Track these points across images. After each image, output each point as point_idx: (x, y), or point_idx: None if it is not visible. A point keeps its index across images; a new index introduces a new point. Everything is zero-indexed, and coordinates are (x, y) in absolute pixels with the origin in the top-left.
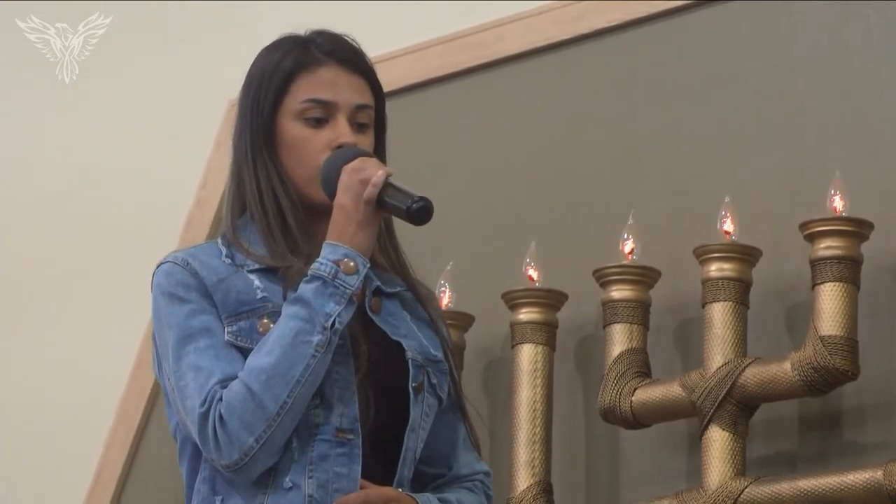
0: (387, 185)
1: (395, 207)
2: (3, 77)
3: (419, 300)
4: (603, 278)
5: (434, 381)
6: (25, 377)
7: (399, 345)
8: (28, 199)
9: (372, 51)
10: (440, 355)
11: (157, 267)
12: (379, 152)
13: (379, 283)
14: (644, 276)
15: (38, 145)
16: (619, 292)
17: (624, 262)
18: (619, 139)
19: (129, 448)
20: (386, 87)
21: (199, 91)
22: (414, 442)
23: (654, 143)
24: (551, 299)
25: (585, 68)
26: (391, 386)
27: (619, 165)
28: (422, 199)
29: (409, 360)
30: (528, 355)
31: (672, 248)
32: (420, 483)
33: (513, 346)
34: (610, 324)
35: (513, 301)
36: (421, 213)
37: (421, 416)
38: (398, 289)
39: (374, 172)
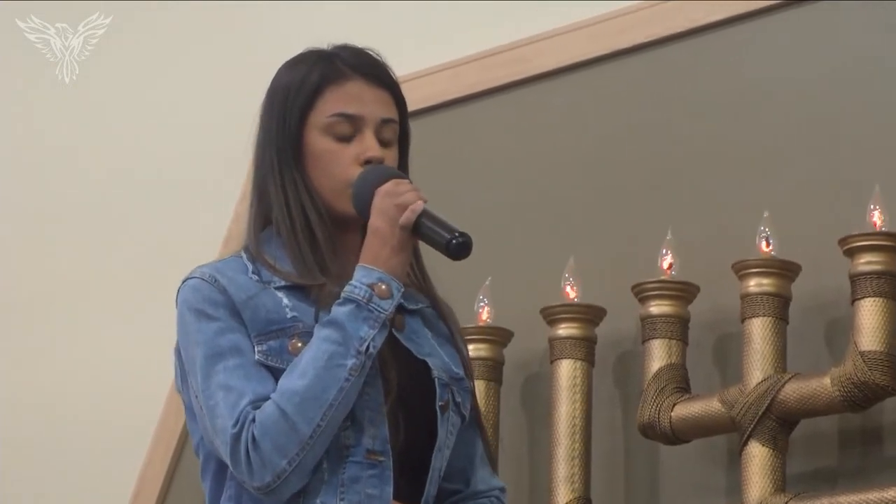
0: (423, 213)
1: (433, 239)
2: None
3: (440, 316)
4: (641, 294)
5: (458, 399)
6: (65, 395)
7: (424, 363)
8: (66, 209)
9: (409, 67)
10: (462, 372)
11: (184, 282)
12: (402, 167)
13: (401, 299)
14: (683, 292)
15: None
16: (657, 308)
17: (662, 278)
18: (657, 154)
19: (168, 465)
20: (423, 103)
21: (238, 107)
22: (440, 461)
23: (692, 157)
24: (590, 315)
25: (623, 84)
26: (418, 406)
27: (658, 180)
28: (462, 234)
29: (436, 379)
30: (566, 371)
31: (711, 264)
32: (437, 499)
33: (551, 362)
34: (649, 339)
35: (551, 316)
36: (461, 249)
37: (446, 434)
38: (420, 305)
39: (411, 198)
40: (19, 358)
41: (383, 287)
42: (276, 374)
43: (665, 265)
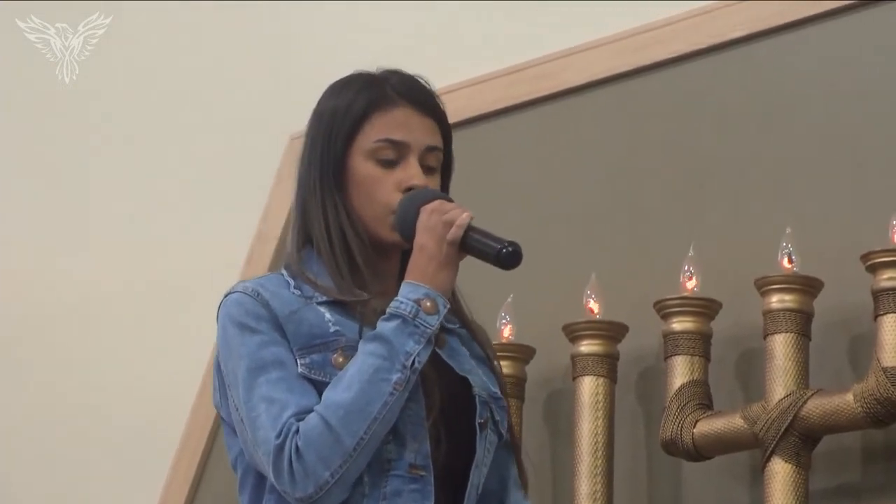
0: (470, 227)
1: (483, 251)
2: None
3: (474, 338)
4: (664, 310)
5: (497, 417)
6: (89, 406)
7: (465, 380)
8: (95, 221)
9: (431, 83)
10: (499, 392)
11: (226, 296)
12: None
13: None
14: (705, 308)
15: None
16: (680, 324)
17: (685, 294)
18: (679, 170)
19: (193, 478)
20: None
21: (261, 125)
22: (478, 478)
23: (714, 174)
24: (612, 331)
25: (646, 100)
26: (459, 422)
27: (680, 197)
28: (511, 243)
29: (476, 396)
30: (589, 387)
31: (733, 280)
32: None
33: (574, 379)
34: (671, 356)
35: (573, 333)
36: (511, 258)
37: (485, 452)
38: (456, 325)
39: (458, 214)
40: (45, 369)
41: (429, 303)
42: (318, 387)
43: (687, 282)
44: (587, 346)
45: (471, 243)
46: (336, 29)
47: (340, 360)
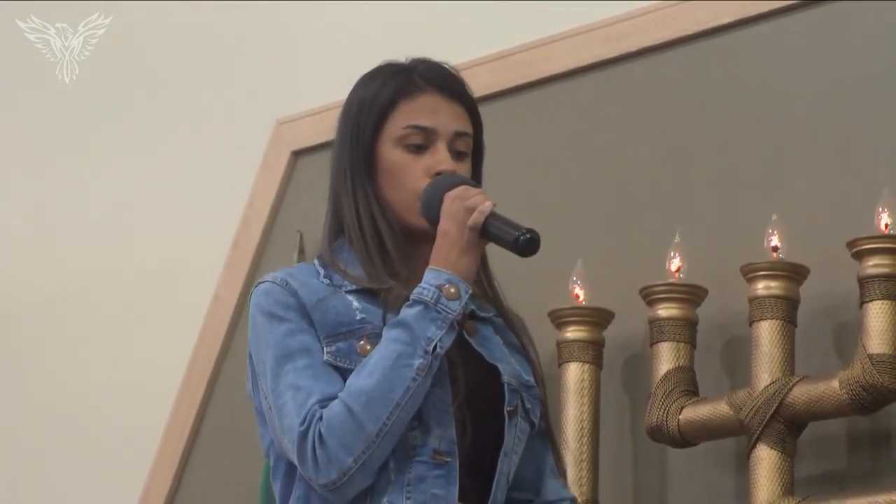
0: (491, 214)
1: (502, 238)
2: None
3: (510, 327)
4: (650, 296)
5: (528, 406)
6: (74, 397)
7: (494, 368)
8: (77, 216)
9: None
10: (532, 380)
11: (256, 286)
12: (475, 180)
13: (473, 307)
14: (691, 295)
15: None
16: (665, 310)
17: (671, 281)
18: (665, 157)
19: (177, 465)
20: None
21: (247, 109)
22: (507, 466)
23: (700, 161)
24: (598, 318)
25: (633, 87)
26: (487, 409)
27: (666, 184)
28: (530, 231)
29: (505, 384)
30: (574, 374)
31: (719, 266)
32: None
33: (559, 365)
34: (657, 342)
35: (559, 319)
36: (530, 244)
37: (514, 440)
38: (490, 314)
39: (480, 201)
40: (31, 360)
41: (452, 289)
42: (344, 374)
43: (673, 268)
44: (573, 333)
45: (491, 230)
46: (321, 16)
47: (367, 347)
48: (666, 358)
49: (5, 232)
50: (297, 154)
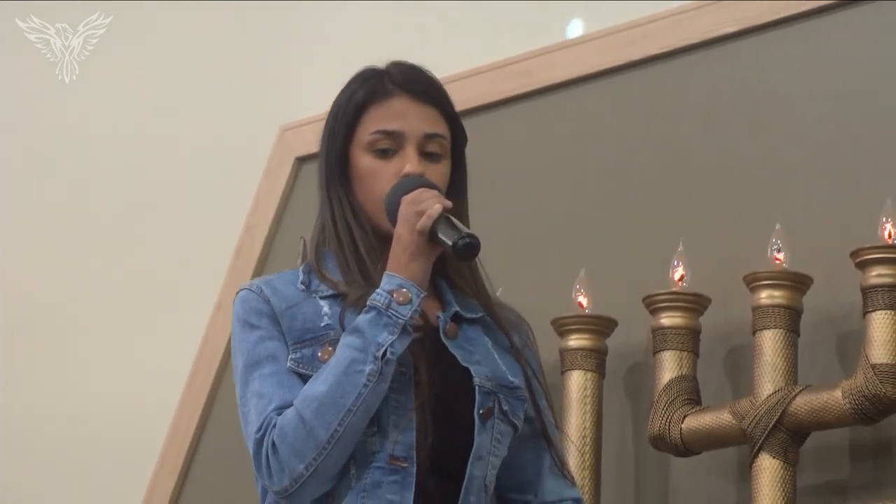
0: (443, 218)
1: (445, 242)
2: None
3: (499, 326)
4: (653, 305)
5: (506, 407)
6: (78, 404)
7: (470, 371)
8: (82, 220)
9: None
10: (517, 382)
11: (236, 294)
12: (458, 183)
13: (459, 308)
14: (694, 303)
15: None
16: (669, 319)
17: (674, 289)
18: (669, 166)
19: (179, 472)
20: None
21: (251, 115)
22: (481, 470)
23: (704, 169)
24: (601, 326)
25: (635, 95)
26: (458, 413)
27: (670, 192)
28: (469, 236)
29: (477, 387)
30: (577, 382)
31: (722, 275)
32: None
33: (562, 373)
34: (660, 351)
35: (562, 327)
36: (466, 249)
37: (490, 442)
38: (480, 314)
39: (430, 204)
40: (36, 364)
41: (403, 294)
42: (307, 381)
43: (676, 277)
44: (576, 341)
45: (437, 234)
46: (326, 23)
47: (328, 353)
48: (669, 367)
49: (11, 235)
50: (302, 160)
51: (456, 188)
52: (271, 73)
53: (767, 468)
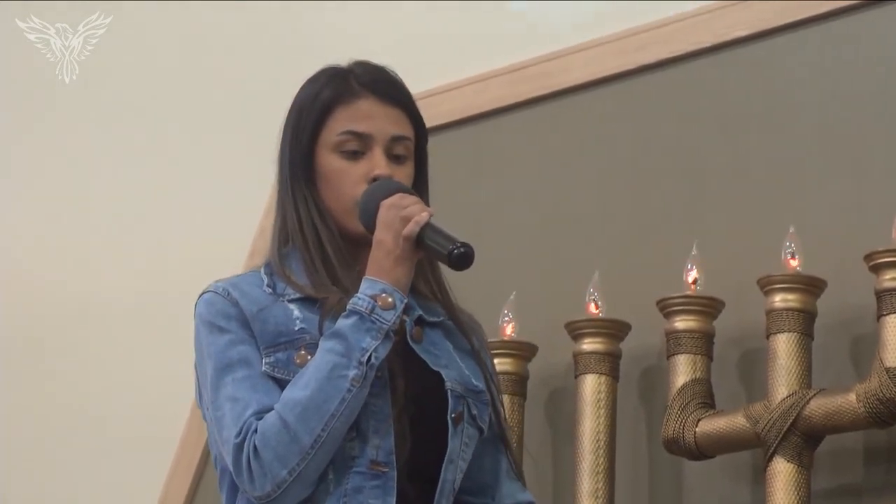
0: (427, 225)
1: (436, 250)
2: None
3: (460, 330)
4: (666, 308)
5: (474, 411)
6: (90, 406)
7: (439, 375)
8: (95, 220)
9: (435, 81)
10: (481, 385)
11: (200, 296)
12: (420, 184)
13: (421, 312)
14: (708, 307)
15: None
16: (682, 323)
17: (688, 293)
18: (682, 169)
19: (192, 478)
20: (449, 117)
21: (264, 116)
22: (452, 473)
23: (717, 173)
24: (615, 329)
25: (648, 99)
26: (430, 417)
27: (683, 195)
28: (464, 245)
29: (449, 391)
30: (591, 386)
31: (736, 279)
32: None
33: (576, 377)
34: (673, 354)
35: (576, 331)
36: (462, 259)
37: (460, 446)
38: (441, 318)
39: (415, 210)
40: (50, 365)
41: (388, 299)
42: (282, 385)
43: (690, 280)
44: (589, 344)
45: (426, 241)
46: (339, 26)
47: (306, 357)
48: (682, 370)
49: (12, 235)
50: None
51: (418, 189)
52: (285, 73)
53: (782, 472)
